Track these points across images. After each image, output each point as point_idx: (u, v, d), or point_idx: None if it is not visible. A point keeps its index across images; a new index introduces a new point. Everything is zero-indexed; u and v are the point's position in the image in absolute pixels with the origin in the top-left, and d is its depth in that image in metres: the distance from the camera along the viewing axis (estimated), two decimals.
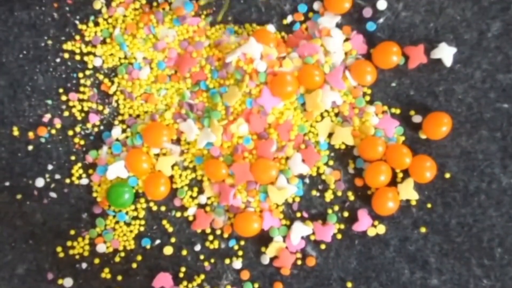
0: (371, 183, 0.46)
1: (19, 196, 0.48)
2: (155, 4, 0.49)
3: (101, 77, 0.48)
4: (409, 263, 0.46)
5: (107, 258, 0.48)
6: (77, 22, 0.49)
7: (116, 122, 0.48)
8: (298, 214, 0.47)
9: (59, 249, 0.48)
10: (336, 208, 0.47)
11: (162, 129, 0.47)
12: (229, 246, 0.47)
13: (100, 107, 0.48)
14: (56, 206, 0.48)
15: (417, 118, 0.47)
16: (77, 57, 0.48)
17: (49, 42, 0.49)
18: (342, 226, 0.47)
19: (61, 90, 0.48)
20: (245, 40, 0.46)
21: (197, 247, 0.47)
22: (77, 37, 0.49)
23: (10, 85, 0.48)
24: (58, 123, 0.48)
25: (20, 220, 0.48)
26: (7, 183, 0.48)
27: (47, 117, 0.48)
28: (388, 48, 0.47)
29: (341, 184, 0.47)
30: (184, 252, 0.47)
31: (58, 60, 0.48)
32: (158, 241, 0.48)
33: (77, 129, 0.48)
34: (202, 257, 0.47)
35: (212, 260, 0.47)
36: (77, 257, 0.48)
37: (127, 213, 0.48)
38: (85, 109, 0.48)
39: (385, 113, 0.47)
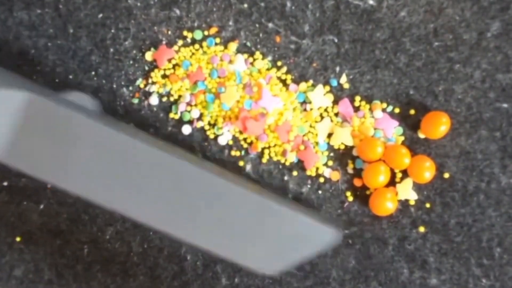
0: (369, 183, 0.46)
1: (17, 197, 0.48)
2: None
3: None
4: (408, 262, 0.47)
5: (106, 258, 0.48)
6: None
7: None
8: None
9: (57, 249, 0.48)
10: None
11: None
12: None
13: None
14: (54, 206, 0.48)
15: (416, 118, 0.47)
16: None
17: (49, 42, 0.48)
18: None
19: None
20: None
21: None
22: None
23: None
24: None
25: (18, 220, 0.48)
26: (5, 183, 0.48)
27: None
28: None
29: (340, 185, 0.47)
30: (184, 251, 0.47)
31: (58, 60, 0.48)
32: (157, 241, 0.48)
33: None
34: (202, 256, 0.47)
35: (212, 259, 0.47)
36: (75, 257, 0.48)
37: None
38: None
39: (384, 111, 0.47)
